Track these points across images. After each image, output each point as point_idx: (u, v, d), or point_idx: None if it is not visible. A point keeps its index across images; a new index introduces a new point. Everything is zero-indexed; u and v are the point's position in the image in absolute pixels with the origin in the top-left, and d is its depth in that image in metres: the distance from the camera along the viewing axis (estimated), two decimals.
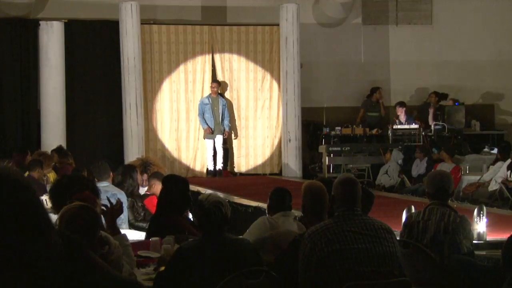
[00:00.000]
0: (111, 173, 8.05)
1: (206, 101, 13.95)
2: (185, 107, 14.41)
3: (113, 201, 6.63)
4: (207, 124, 13.89)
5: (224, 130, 14.06)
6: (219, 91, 14.16)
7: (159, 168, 9.21)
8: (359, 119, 15.51)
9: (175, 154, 14.37)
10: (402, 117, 14.63)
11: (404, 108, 14.74)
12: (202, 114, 13.95)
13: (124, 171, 8.01)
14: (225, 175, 14.09)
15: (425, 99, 15.82)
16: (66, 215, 4.25)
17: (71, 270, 4.00)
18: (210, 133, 13.96)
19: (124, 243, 4.83)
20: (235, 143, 14.72)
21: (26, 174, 9.46)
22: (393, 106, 15.76)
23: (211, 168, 14.20)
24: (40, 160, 9.99)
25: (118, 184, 7.85)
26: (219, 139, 14.02)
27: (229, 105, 14.45)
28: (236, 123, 14.58)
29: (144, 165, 8.96)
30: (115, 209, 5.52)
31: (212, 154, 14.08)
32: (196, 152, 14.49)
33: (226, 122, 14.03)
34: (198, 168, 14.50)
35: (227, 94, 14.64)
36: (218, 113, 13.91)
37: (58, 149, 12.19)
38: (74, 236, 4.01)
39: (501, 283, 3.96)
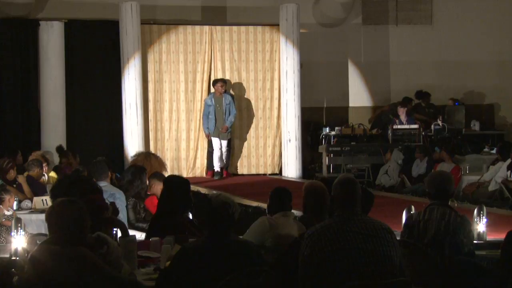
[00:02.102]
0: (109, 173, 8.05)
1: (209, 102, 13.66)
2: (185, 107, 14.39)
3: (111, 200, 6.66)
4: (208, 129, 13.69)
5: (224, 126, 13.66)
6: (225, 89, 13.85)
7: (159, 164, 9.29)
8: (374, 117, 15.55)
9: (175, 154, 14.36)
10: (403, 118, 14.61)
11: (406, 109, 14.73)
12: (206, 115, 13.73)
13: (134, 172, 8.00)
14: (225, 175, 14.07)
15: (418, 101, 15.83)
16: (54, 211, 4.27)
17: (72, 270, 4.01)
18: (209, 139, 13.92)
19: (130, 247, 4.84)
20: (237, 143, 14.66)
21: (26, 174, 9.48)
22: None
23: (217, 169, 13.86)
24: (39, 160, 10.00)
25: (126, 184, 7.84)
26: (223, 142, 13.81)
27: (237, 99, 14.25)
28: (237, 123, 14.51)
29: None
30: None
31: (219, 154, 13.79)
32: (196, 152, 14.48)
33: (230, 118, 13.68)
34: (198, 168, 14.49)
35: None
36: (221, 113, 13.61)
37: (58, 149, 12.21)
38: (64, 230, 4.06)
39: (502, 283, 3.97)
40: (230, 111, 13.69)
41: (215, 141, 13.77)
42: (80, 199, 5.00)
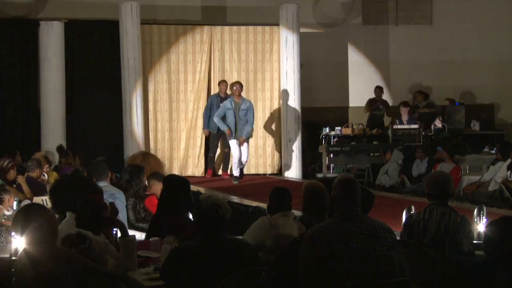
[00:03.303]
0: (110, 173, 8.03)
1: (229, 105, 12.51)
2: (185, 107, 14.39)
3: (111, 200, 6.64)
4: (227, 125, 12.44)
5: (241, 138, 12.47)
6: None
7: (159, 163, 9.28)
8: (366, 112, 15.61)
9: (175, 154, 14.36)
10: (405, 117, 14.63)
11: (408, 108, 14.75)
12: (220, 116, 12.51)
13: (131, 171, 7.98)
14: (225, 176, 13.98)
15: (415, 101, 15.82)
16: (21, 216, 4.28)
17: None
18: (230, 135, 12.82)
19: (130, 247, 4.84)
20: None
21: (26, 175, 9.47)
22: (394, 105, 15.86)
23: (236, 173, 12.83)
24: (39, 160, 9.98)
25: (125, 183, 7.83)
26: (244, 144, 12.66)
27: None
28: None
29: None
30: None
31: (238, 156, 12.61)
32: (195, 152, 14.45)
33: (247, 128, 12.50)
34: (198, 168, 14.48)
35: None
36: (238, 119, 12.46)
37: (59, 149, 12.21)
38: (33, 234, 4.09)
39: (491, 276, 3.97)
40: (249, 119, 12.59)
41: (233, 143, 12.65)
42: (79, 199, 5.01)
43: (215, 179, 13.75)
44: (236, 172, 12.90)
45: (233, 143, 12.67)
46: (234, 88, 12.66)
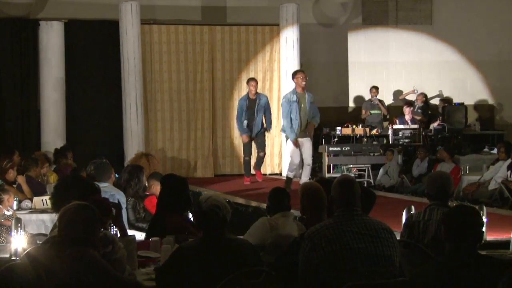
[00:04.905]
0: (113, 175, 8.02)
1: (294, 97, 10.88)
2: (185, 107, 14.39)
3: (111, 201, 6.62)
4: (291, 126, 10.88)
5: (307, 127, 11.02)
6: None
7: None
8: (363, 117, 15.61)
9: (175, 154, 14.36)
10: (408, 117, 14.63)
11: (412, 108, 14.77)
12: (289, 113, 10.88)
13: (131, 171, 7.98)
14: (258, 178, 13.02)
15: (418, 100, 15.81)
16: (66, 214, 4.25)
17: (74, 269, 4.03)
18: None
19: (130, 247, 4.84)
20: (237, 143, 14.56)
21: (25, 174, 9.46)
22: (392, 105, 15.87)
23: (306, 178, 10.93)
24: (37, 159, 9.96)
25: (124, 183, 7.81)
26: (306, 142, 11.16)
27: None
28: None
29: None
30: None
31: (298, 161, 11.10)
32: (204, 153, 14.43)
33: (316, 118, 11.15)
34: (198, 168, 14.48)
35: (227, 94, 14.61)
36: (305, 112, 10.97)
37: (58, 149, 12.19)
38: (76, 234, 4.04)
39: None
40: (314, 110, 11.16)
41: (292, 144, 11.12)
42: (78, 199, 4.99)
43: (220, 180, 13.70)
44: (305, 177, 11.10)
45: (291, 144, 11.06)
46: (300, 78, 10.91)
